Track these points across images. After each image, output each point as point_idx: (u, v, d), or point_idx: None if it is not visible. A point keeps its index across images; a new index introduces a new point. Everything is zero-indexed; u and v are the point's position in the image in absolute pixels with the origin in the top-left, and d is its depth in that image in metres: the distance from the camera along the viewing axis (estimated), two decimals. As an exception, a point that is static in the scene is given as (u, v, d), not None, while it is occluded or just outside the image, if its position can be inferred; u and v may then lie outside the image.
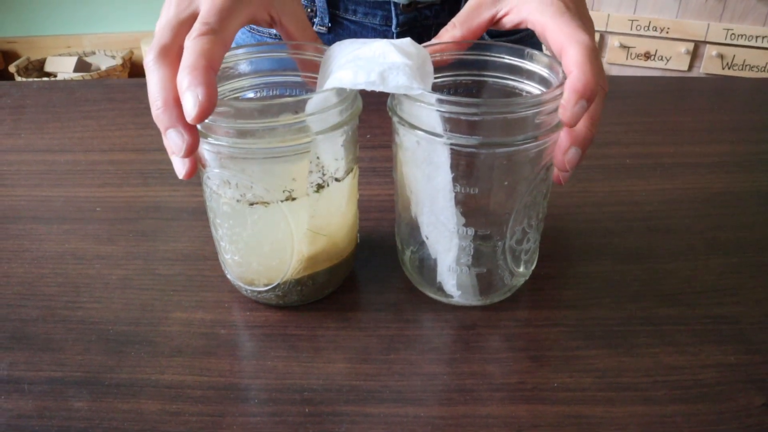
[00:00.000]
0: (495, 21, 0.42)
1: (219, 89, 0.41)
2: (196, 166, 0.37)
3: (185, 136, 0.34)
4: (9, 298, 0.44)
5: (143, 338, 0.40)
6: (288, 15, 0.41)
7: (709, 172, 0.59)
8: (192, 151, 0.35)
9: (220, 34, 0.35)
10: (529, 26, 0.41)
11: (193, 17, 0.37)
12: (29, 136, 0.66)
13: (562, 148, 0.38)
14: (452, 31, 0.42)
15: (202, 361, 0.39)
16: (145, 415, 0.35)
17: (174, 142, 0.35)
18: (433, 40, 0.42)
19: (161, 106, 0.35)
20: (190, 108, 0.33)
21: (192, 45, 0.34)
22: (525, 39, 0.77)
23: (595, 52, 0.36)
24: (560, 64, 0.38)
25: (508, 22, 0.42)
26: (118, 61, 2.61)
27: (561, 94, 0.36)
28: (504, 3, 0.42)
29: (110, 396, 0.36)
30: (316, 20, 0.70)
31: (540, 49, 0.81)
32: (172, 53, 0.36)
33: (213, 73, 0.34)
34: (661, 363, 0.39)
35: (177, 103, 0.34)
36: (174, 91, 0.34)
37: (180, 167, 0.37)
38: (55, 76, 2.57)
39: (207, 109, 0.33)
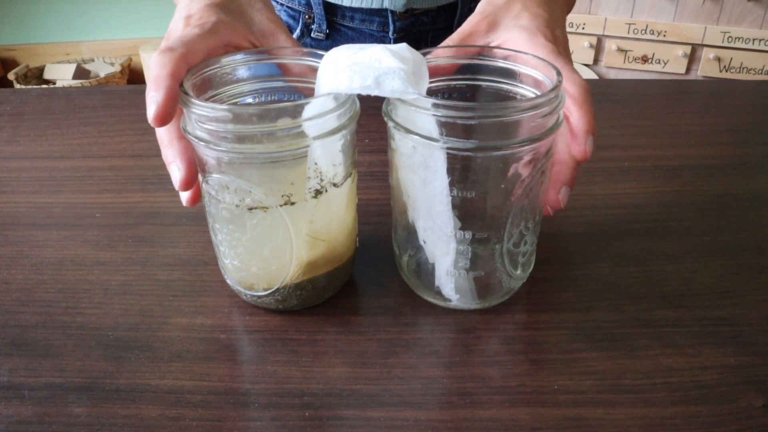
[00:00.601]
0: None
1: (218, 95, 0.41)
2: (199, 191, 0.41)
3: (183, 170, 0.39)
4: (8, 304, 0.44)
5: (143, 344, 0.40)
6: (268, 39, 0.45)
7: (708, 175, 0.59)
8: (187, 184, 0.39)
9: (181, 49, 0.38)
10: None
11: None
12: (28, 142, 0.66)
13: (555, 188, 0.42)
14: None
15: (202, 366, 0.39)
16: (145, 420, 0.35)
17: (174, 176, 0.39)
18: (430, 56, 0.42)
19: (167, 144, 0.39)
20: (150, 111, 0.36)
21: (155, 61, 0.38)
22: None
23: (588, 91, 0.40)
24: (554, 67, 0.38)
25: (499, 53, 0.42)
26: (117, 68, 2.61)
27: (556, 96, 0.36)
28: (496, 35, 0.44)
29: (110, 402, 0.36)
30: (314, 27, 0.70)
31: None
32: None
33: (175, 80, 0.37)
34: (661, 365, 0.39)
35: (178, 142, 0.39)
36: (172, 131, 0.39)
37: (184, 197, 0.42)
38: (54, 83, 2.58)
39: (165, 110, 0.36)
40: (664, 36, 1.95)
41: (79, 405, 0.36)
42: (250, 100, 0.43)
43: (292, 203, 0.38)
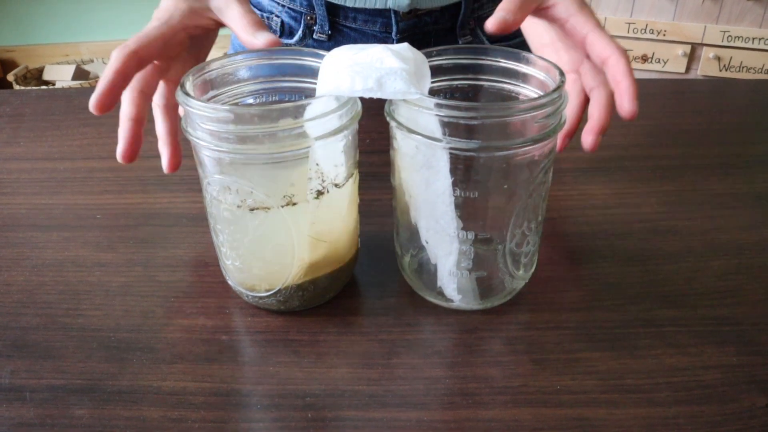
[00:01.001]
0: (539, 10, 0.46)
1: (218, 95, 0.41)
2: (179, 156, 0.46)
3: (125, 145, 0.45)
4: (9, 306, 0.44)
5: (144, 345, 0.40)
6: (223, 12, 0.46)
7: (709, 174, 0.59)
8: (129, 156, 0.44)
9: (128, 47, 0.42)
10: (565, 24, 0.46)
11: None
12: (28, 144, 0.66)
13: (597, 129, 0.47)
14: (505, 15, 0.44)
15: (204, 368, 0.39)
16: (147, 422, 0.35)
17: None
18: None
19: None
20: (90, 101, 0.44)
21: (110, 57, 0.43)
22: (524, 44, 0.77)
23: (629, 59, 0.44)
24: (557, 67, 0.38)
25: (549, 17, 0.46)
26: (117, 69, 2.60)
27: (559, 96, 0.36)
28: None
29: (112, 403, 0.36)
30: (316, 28, 0.70)
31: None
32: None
33: (114, 75, 0.42)
34: (664, 364, 0.38)
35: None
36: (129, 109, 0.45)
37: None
38: (54, 84, 2.57)
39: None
40: (664, 35, 1.95)
41: (81, 407, 0.36)
42: (251, 100, 0.43)
43: (294, 204, 0.38)
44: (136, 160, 0.44)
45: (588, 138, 0.47)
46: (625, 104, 0.45)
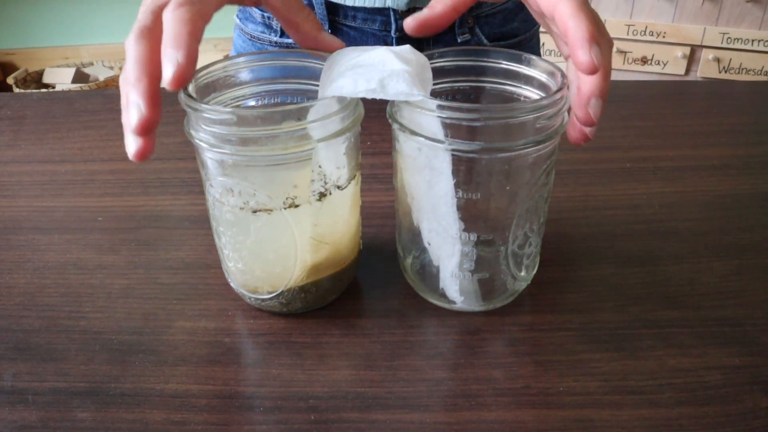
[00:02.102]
0: None
1: (220, 98, 0.41)
2: (151, 147, 0.34)
3: (143, 110, 0.33)
4: (11, 308, 0.44)
5: (147, 347, 0.40)
6: None
7: (710, 175, 0.59)
8: (148, 130, 0.33)
9: (197, 5, 0.34)
10: None
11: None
12: (29, 147, 0.66)
13: (582, 101, 0.36)
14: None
15: (207, 370, 0.39)
16: (149, 424, 0.35)
17: (131, 115, 0.33)
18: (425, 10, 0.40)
19: (130, 78, 0.33)
20: (169, 71, 0.32)
21: (171, 16, 0.33)
22: (523, 43, 0.78)
23: (586, 5, 0.35)
24: (558, 69, 0.38)
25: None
26: (117, 72, 2.61)
27: (561, 98, 0.36)
28: None
29: (115, 406, 0.36)
30: None
31: (538, 54, 0.82)
32: (152, 33, 0.35)
33: (194, 40, 0.33)
34: (666, 366, 0.38)
35: (149, 78, 0.33)
36: (148, 66, 0.34)
37: (132, 145, 0.34)
38: (54, 87, 2.57)
39: (185, 72, 0.32)
40: (664, 37, 1.95)
41: (84, 410, 0.36)
42: (253, 102, 0.43)
43: (296, 206, 0.38)
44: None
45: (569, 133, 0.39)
46: (578, 55, 0.34)
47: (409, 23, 0.41)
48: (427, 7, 0.41)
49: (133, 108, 0.33)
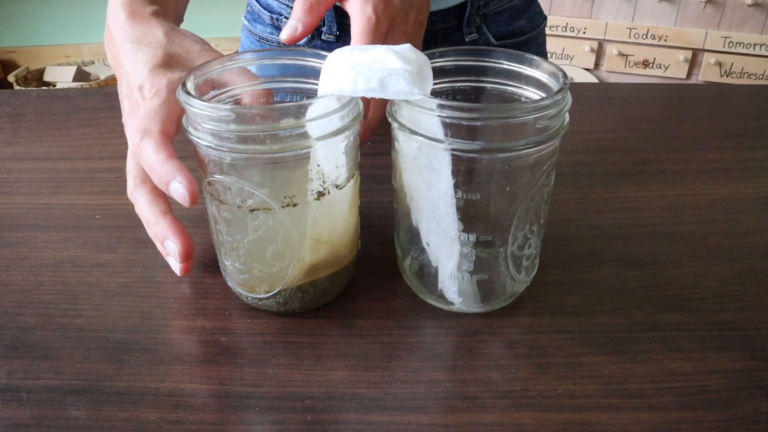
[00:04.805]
0: None
1: (219, 95, 0.41)
2: (191, 266, 0.43)
3: (178, 244, 0.41)
4: (7, 305, 0.44)
5: (143, 346, 0.40)
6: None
7: (711, 179, 0.59)
8: (187, 257, 0.41)
9: (155, 132, 0.40)
10: None
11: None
12: (28, 144, 0.66)
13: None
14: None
15: (203, 369, 0.38)
16: (144, 423, 0.35)
17: (171, 249, 0.41)
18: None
19: (153, 222, 0.41)
20: (182, 197, 0.39)
21: (143, 154, 0.40)
22: (530, 41, 0.78)
23: (376, 24, 0.44)
24: (559, 69, 0.38)
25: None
26: (118, 71, 2.60)
27: (562, 98, 0.36)
28: None
29: (109, 404, 0.36)
30: (324, 29, 0.70)
31: (540, 54, 0.81)
32: (146, 177, 0.42)
33: (175, 159, 0.39)
34: (666, 369, 0.38)
35: (165, 218, 0.41)
36: (158, 207, 0.41)
37: (176, 266, 0.43)
38: (54, 85, 2.58)
39: (195, 190, 0.39)
40: (665, 41, 1.95)
41: (78, 408, 0.36)
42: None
43: (295, 205, 0.38)
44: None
45: None
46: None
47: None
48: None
49: (171, 244, 0.41)
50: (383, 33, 0.46)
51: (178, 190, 0.39)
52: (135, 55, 0.44)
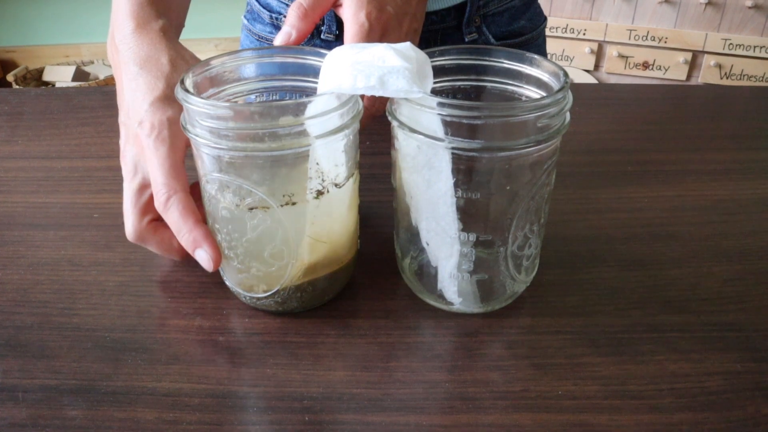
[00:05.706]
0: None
1: (219, 93, 0.41)
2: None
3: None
4: (4, 304, 0.43)
5: (140, 345, 0.40)
6: None
7: (711, 180, 0.59)
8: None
9: (180, 192, 0.40)
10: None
11: (145, 185, 0.43)
12: (26, 142, 0.66)
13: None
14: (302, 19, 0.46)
15: (200, 369, 0.38)
16: (141, 423, 0.35)
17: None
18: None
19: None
20: (207, 263, 0.40)
21: (170, 214, 0.40)
22: (530, 42, 0.77)
23: (368, 31, 0.44)
24: (560, 68, 0.38)
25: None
26: (117, 71, 2.60)
27: (563, 97, 0.36)
28: None
29: (106, 404, 0.36)
30: (323, 28, 0.70)
31: (540, 53, 0.81)
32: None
33: (202, 225, 0.40)
34: (667, 370, 0.38)
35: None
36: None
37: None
38: (53, 85, 2.57)
39: (218, 258, 0.40)
40: (665, 42, 1.95)
41: (75, 407, 0.36)
42: (251, 98, 0.43)
43: (293, 204, 0.37)
44: None
45: None
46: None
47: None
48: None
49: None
50: (376, 40, 0.45)
51: (203, 258, 0.40)
52: (137, 82, 0.43)
